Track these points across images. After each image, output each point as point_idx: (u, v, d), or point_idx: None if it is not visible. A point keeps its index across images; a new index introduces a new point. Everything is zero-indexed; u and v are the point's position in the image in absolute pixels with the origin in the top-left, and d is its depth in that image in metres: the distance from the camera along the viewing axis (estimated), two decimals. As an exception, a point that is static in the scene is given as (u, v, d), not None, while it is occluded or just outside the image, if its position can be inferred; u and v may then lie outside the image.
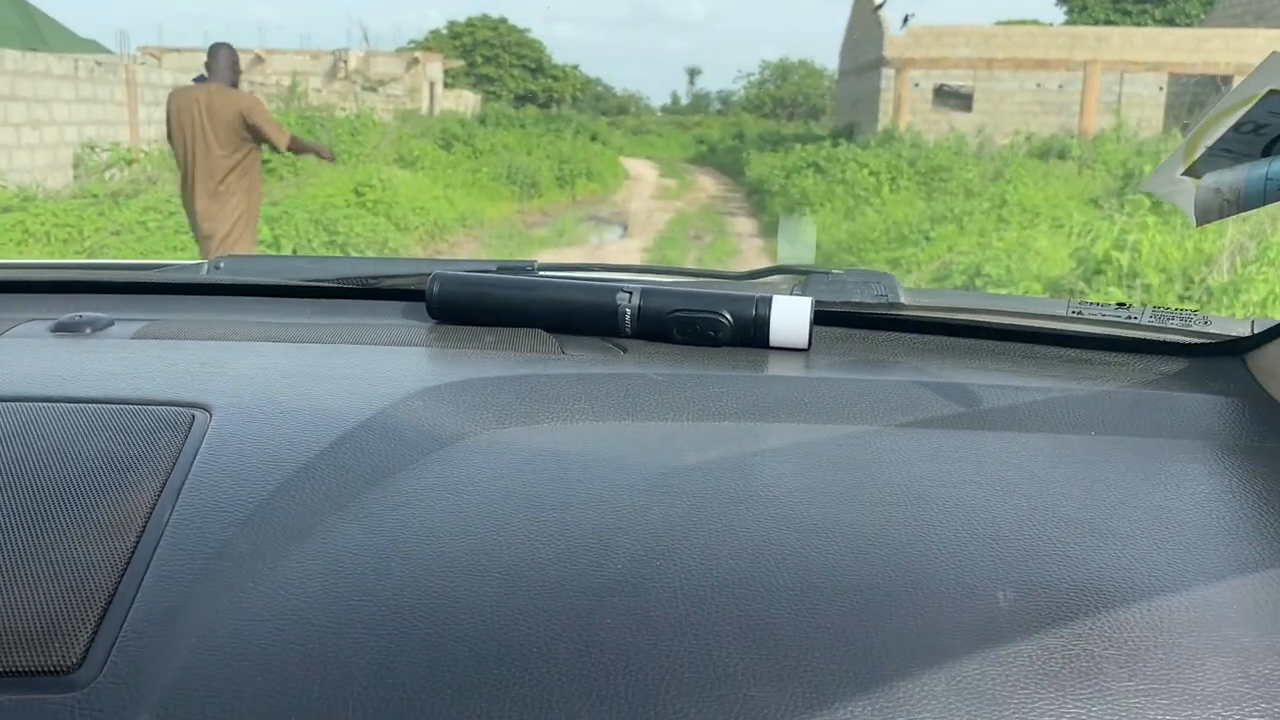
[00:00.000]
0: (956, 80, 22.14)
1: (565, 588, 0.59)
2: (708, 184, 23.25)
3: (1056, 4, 40.91)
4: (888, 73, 21.67)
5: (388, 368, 0.89)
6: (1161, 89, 21.31)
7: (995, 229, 10.00)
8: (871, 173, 14.64)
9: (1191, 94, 22.24)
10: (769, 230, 14.21)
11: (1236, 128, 0.72)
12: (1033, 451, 0.77)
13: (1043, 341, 1.03)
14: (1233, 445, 0.81)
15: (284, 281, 1.20)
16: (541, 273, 1.18)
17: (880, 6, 18.22)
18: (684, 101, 74.18)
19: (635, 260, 11.49)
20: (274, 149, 5.52)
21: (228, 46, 5.44)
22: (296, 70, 25.12)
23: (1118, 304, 1.06)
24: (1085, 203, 12.10)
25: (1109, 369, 0.97)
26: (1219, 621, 0.57)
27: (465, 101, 32.80)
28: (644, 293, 1.02)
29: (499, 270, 1.14)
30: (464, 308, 1.06)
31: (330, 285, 1.18)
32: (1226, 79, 21.35)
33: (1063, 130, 20.53)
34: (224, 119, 5.19)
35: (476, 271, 1.11)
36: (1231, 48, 20.95)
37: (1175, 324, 1.02)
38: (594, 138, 26.28)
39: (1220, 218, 0.73)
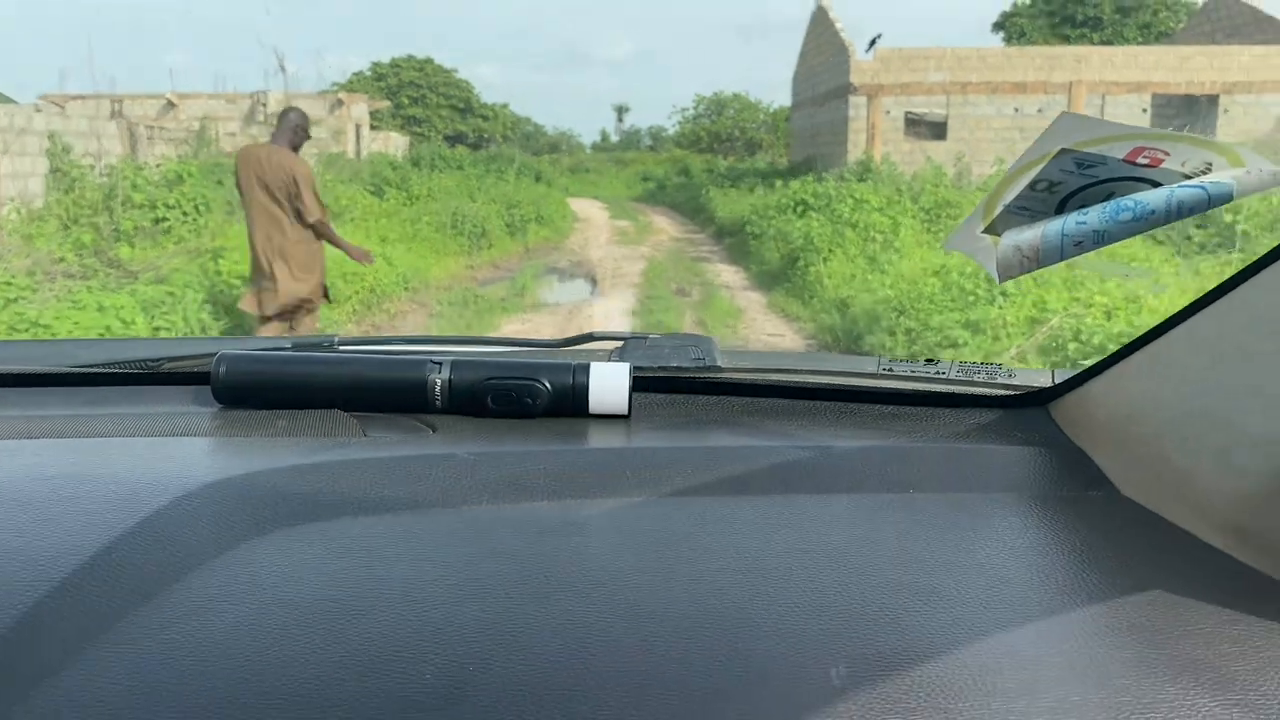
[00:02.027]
0: (924, 107, 20.24)
1: (369, 706, 0.52)
2: (666, 225, 21.03)
3: (993, 30, 39.73)
4: (856, 100, 19.68)
5: (165, 462, 0.80)
6: (1145, 110, 19.64)
7: (1085, 281, 7.84)
8: (876, 209, 12.47)
9: (1176, 115, 20.60)
10: (763, 280, 11.94)
11: (1031, 186, 0.72)
12: (854, 513, 0.76)
13: (857, 399, 1.02)
14: (1042, 496, 0.81)
15: (50, 369, 1.06)
16: (344, 348, 1.10)
17: (875, 43, 16.30)
18: (614, 139, 72.44)
19: (623, 326, 9.15)
20: (303, 220, 5.45)
21: (297, 110, 5.58)
22: (210, 115, 22.70)
23: (926, 360, 1.06)
24: (1150, 244, 10.05)
25: (922, 424, 0.97)
26: (1049, 682, 0.56)
27: (393, 143, 30.46)
28: (455, 364, 0.95)
29: (295, 348, 1.06)
30: (255, 390, 0.96)
31: (104, 371, 1.06)
32: (1212, 99, 19.76)
33: (1044, 157, 18.73)
34: (277, 179, 5.36)
35: (270, 350, 1.02)
36: (1215, 65, 19.36)
37: (981, 377, 1.03)
38: (538, 178, 23.89)
39: (1021, 274, 0.73)
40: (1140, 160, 0.69)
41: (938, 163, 18.17)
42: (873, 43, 19.29)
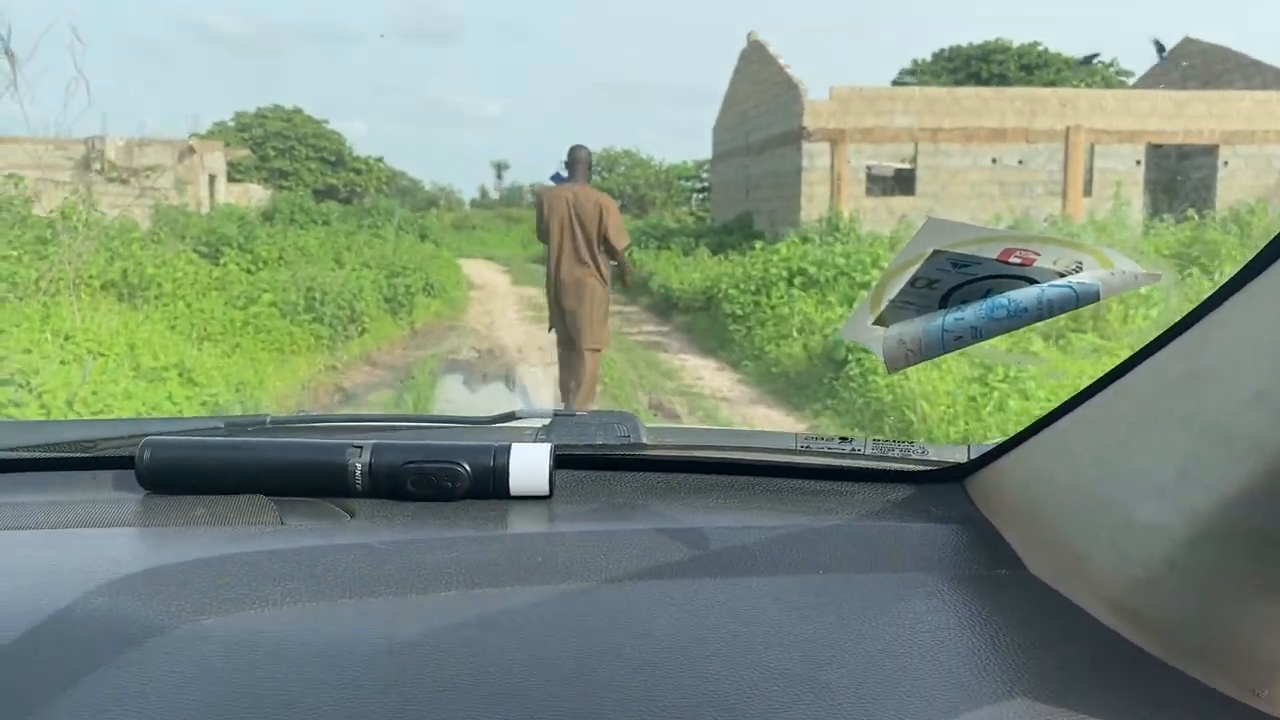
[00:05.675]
0: (878, 157, 16.72)
1: None
2: (584, 294, 16.83)
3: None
4: (811, 148, 15.99)
5: (80, 554, 0.78)
6: (1139, 162, 16.57)
7: None
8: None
9: (1173, 168, 17.61)
10: (776, 388, 7.85)
11: (912, 283, 0.73)
12: (763, 598, 0.75)
13: (776, 474, 1.02)
14: (954, 575, 0.80)
15: None
16: (276, 424, 1.09)
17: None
18: (493, 195, 68.21)
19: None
20: (611, 252, 5.73)
21: (585, 148, 5.79)
22: (35, 162, 17.68)
23: (840, 438, 1.05)
24: None
25: (838, 499, 0.96)
26: None
27: (253, 195, 25.62)
28: (375, 448, 0.93)
29: (228, 428, 1.06)
30: (180, 475, 0.94)
31: (29, 457, 1.03)
32: (1211, 149, 16.81)
33: (1027, 216, 15.33)
34: (587, 214, 5.60)
35: (201, 431, 1.04)
36: (1215, 113, 16.44)
37: (896, 454, 1.01)
38: (424, 236, 19.38)
39: (907, 365, 0.74)
40: (1013, 260, 0.70)
41: (910, 221, 14.56)
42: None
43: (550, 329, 6.17)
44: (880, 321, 0.76)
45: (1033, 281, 0.70)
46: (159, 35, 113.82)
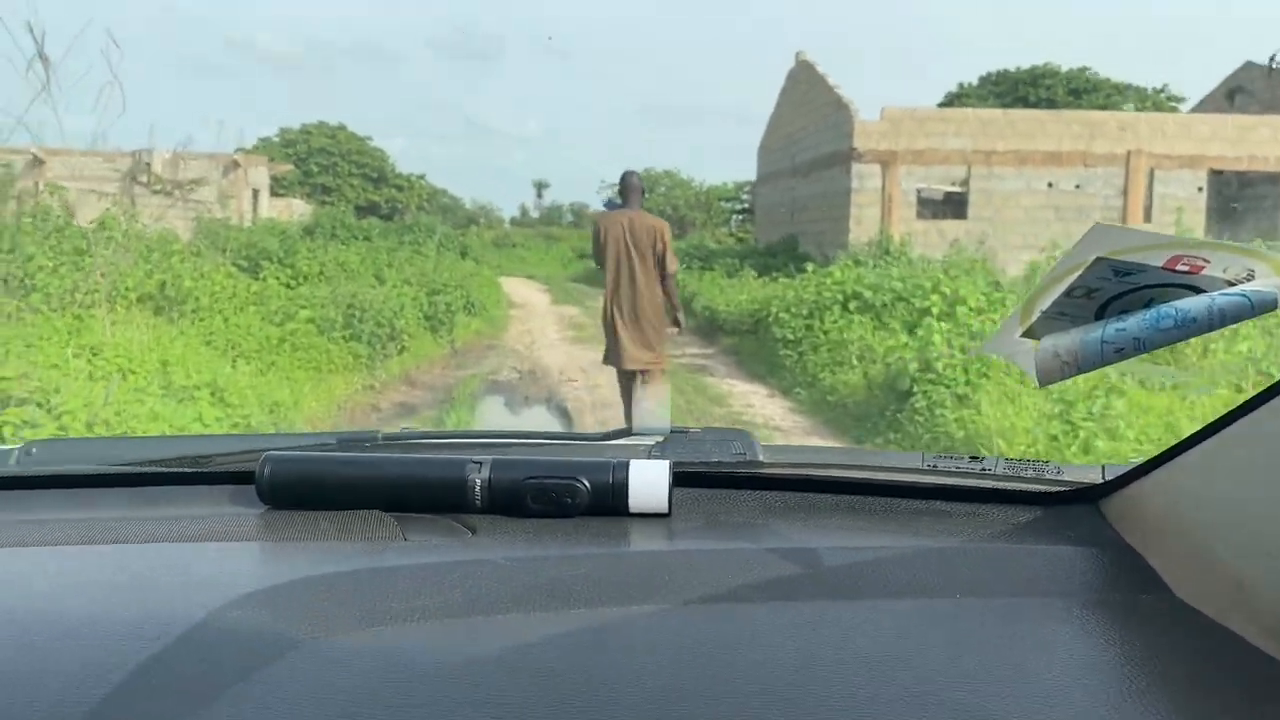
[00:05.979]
0: (926, 180, 16.25)
1: None
2: (626, 315, 16.50)
3: (939, 111, 36.71)
4: (861, 169, 15.58)
5: (208, 568, 0.80)
6: (1201, 189, 15.98)
7: None
8: (975, 310, 8.14)
9: (1235, 195, 17.00)
10: (832, 418, 7.44)
11: (1069, 292, 0.71)
12: (899, 620, 0.72)
13: (900, 495, 0.98)
14: (1094, 600, 0.78)
15: (100, 470, 1.05)
16: (387, 440, 1.08)
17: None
18: (534, 213, 68.25)
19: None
20: (662, 275, 5.71)
21: (636, 174, 5.82)
22: (82, 174, 17.71)
23: (971, 456, 1.01)
24: None
25: (968, 521, 0.92)
26: None
27: (296, 210, 25.61)
28: (495, 463, 0.92)
29: (340, 444, 1.06)
30: (300, 490, 0.93)
31: (152, 471, 1.04)
32: (1275, 176, 16.20)
33: (1083, 241, 14.79)
34: (643, 239, 5.65)
35: (315, 447, 1.03)
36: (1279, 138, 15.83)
37: (1029, 473, 0.98)
38: (464, 253, 19.14)
39: (1062, 379, 0.71)
40: (1180, 268, 0.67)
41: (962, 245, 14.10)
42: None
43: (605, 360, 6.03)
44: (1030, 333, 0.73)
45: (1199, 291, 0.65)
46: (210, 53, 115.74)
